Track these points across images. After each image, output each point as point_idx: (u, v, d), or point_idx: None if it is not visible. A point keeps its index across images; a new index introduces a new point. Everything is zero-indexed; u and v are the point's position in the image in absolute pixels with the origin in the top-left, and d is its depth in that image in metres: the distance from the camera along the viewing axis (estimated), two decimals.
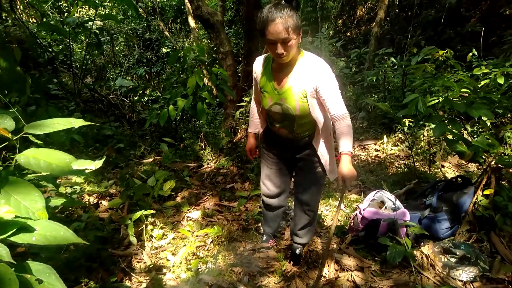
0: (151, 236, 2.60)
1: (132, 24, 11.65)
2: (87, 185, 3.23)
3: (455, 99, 2.69)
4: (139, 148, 4.57)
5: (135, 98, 7.62)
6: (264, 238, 2.63)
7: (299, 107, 1.84)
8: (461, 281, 2.22)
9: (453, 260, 2.33)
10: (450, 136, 2.72)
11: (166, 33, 12.28)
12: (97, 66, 7.92)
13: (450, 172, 3.67)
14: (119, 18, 10.17)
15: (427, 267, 2.32)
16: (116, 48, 10.69)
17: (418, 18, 10.99)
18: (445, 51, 3.29)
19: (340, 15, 14.31)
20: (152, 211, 2.60)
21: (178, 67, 4.85)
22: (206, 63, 4.94)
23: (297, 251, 2.46)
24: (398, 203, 2.54)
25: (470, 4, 10.37)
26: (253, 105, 2.26)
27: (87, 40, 5.72)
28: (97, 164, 1.27)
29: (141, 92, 6.77)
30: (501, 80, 3.45)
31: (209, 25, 6.10)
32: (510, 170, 2.59)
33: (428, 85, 2.94)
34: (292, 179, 2.36)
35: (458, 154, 2.60)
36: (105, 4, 9.78)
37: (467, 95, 2.91)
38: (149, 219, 2.71)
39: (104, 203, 3.09)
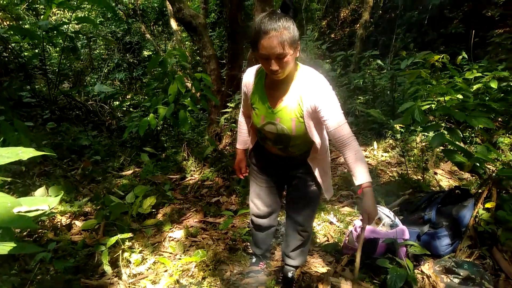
0: (129, 262, 2.36)
1: (112, 27, 11.32)
2: (59, 204, 2.97)
3: (452, 107, 2.54)
4: (118, 159, 4.31)
5: (115, 104, 7.33)
6: (254, 260, 2.42)
7: (295, 127, 1.64)
8: None
9: (456, 280, 2.17)
10: (449, 147, 2.58)
11: (148, 36, 11.98)
12: (74, 71, 7.59)
13: (444, 180, 3.54)
14: (98, 21, 9.83)
15: None
16: (95, 51, 10.35)
17: (402, 20, 10.99)
18: (441, 56, 3.16)
19: (324, 17, 14.25)
20: (130, 235, 2.36)
21: (158, 73, 4.61)
22: (189, 68, 4.71)
23: (289, 274, 2.26)
24: (396, 219, 2.37)
25: (453, 5, 10.41)
26: (241, 119, 2.05)
27: (63, 44, 5.42)
28: (53, 202, 1.05)
29: (121, 97, 6.49)
30: (494, 85, 3.35)
31: (191, 28, 5.89)
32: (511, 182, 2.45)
33: (425, 92, 2.80)
34: (284, 198, 2.17)
35: (457, 165, 2.45)
36: (84, 6, 9.42)
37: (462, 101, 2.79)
38: (127, 242, 2.47)
39: (78, 224, 2.83)
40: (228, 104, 4.76)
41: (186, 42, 13.94)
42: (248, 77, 1.77)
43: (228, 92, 5.52)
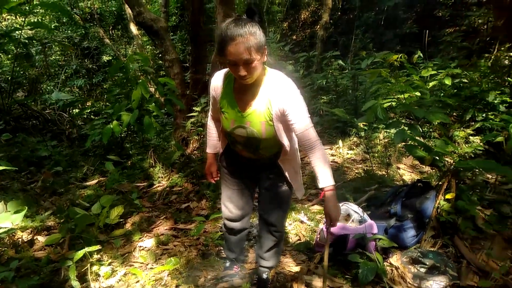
0: (98, 275, 2.28)
1: (68, 31, 10.88)
2: None
3: (411, 104, 2.66)
4: (81, 169, 4.16)
5: (75, 112, 7.05)
6: (227, 265, 2.41)
7: (265, 131, 1.66)
8: None
9: (423, 270, 2.27)
10: (410, 142, 2.69)
11: (107, 40, 11.63)
12: (29, 79, 7.23)
13: (406, 174, 3.69)
14: (52, 26, 9.42)
15: (398, 280, 2.23)
16: (51, 58, 9.91)
17: (360, 21, 11.35)
18: (399, 56, 3.30)
19: (285, 19, 14.46)
20: (98, 247, 2.28)
21: (120, 79, 4.50)
22: (152, 73, 4.62)
23: (264, 276, 2.27)
24: (364, 215, 2.44)
25: (407, 6, 10.87)
26: (210, 123, 2.04)
27: (15, 51, 5.16)
28: (16, 219, 1.00)
29: (81, 105, 6.25)
30: (448, 81, 3.53)
31: (153, 31, 5.78)
32: (469, 173, 2.60)
33: (385, 90, 2.91)
34: (256, 199, 2.17)
35: (418, 159, 2.57)
36: (37, 11, 9.00)
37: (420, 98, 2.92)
38: (95, 255, 2.38)
39: (41, 239, 2.70)
40: (194, 108, 4.71)
41: (147, 46, 13.67)
42: (216, 81, 1.75)
43: (193, 96, 5.46)
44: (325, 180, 1.65)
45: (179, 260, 2.38)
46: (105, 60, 11.23)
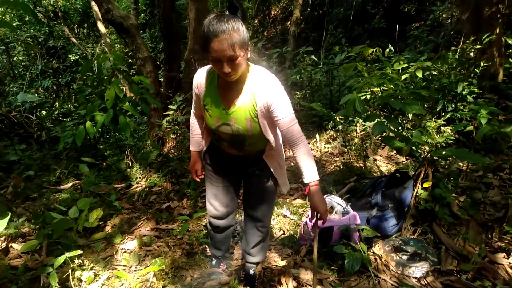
0: (80, 281, 2.21)
1: (31, 30, 10.42)
2: None
3: (388, 96, 2.72)
4: (54, 173, 4.00)
5: (43, 114, 6.79)
6: (214, 262, 2.39)
7: (250, 127, 1.66)
8: (415, 278, 2.23)
9: (405, 257, 2.34)
10: (389, 133, 2.75)
11: (73, 39, 11.24)
12: None
13: (383, 165, 3.78)
14: (14, 24, 8.99)
15: (382, 268, 2.29)
16: (14, 58, 9.46)
17: (330, 16, 11.50)
18: (374, 50, 3.37)
19: (256, 15, 14.45)
20: (79, 252, 2.21)
21: (91, 78, 4.35)
22: (124, 72, 4.51)
23: (251, 272, 2.27)
24: (347, 207, 2.49)
25: (374, 2, 11.12)
26: (193, 121, 2.01)
27: None
28: (2, 224, 0.96)
29: (49, 106, 6.01)
30: (420, 74, 3.64)
31: (123, 29, 5.63)
32: (443, 162, 2.69)
33: (362, 84, 2.97)
34: (241, 195, 2.17)
35: (396, 150, 2.64)
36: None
37: (393, 90, 2.99)
38: (76, 260, 2.30)
39: (16, 247, 2.58)
40: (169, 106, 4.63)
41: (116, 45, 13.31)
42: (200, 78, 1.72)
43: (167, 94, 5.37)
44: (310, 175, 1.69)
45: (164, 261, 2.34)
46: (72, 60, 10.85)
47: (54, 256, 2.33)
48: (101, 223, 2.90)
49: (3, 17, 9.29)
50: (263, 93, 1.58)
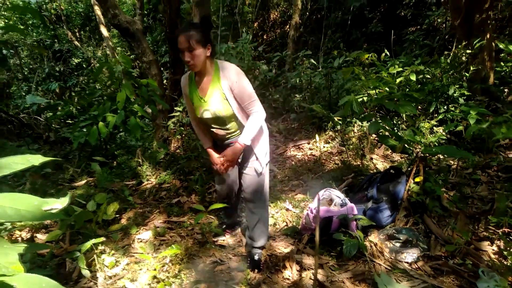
0: (103, 265, 2.42)
1: (34, 34, 10.62)
2: None
3: (383, 98, 2.95)
4: (67, 171, 4.21)
5: (50, 115, 6.98)
6: (223, 227, 2.88)
7: (223, 108, 2.06)
8: (407, 262, 2.45)
9: (398, 244, 2.56)
10: (384, 132, 2.98)
11: (76, 42, 11.46)
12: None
13: (379, 163, 4.01)
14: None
15: (377, 254, 2.51)
16: (17, 61, 9.65)
17: (328, 21, 11.74)
18: (370, 55, 3.61)
19: (255, 19, 14.70)
20: (102, 239, 2.42)
21: (101, 81, 4.57)
22: (135, 75, 4.73)
23: (256, 257, 2.49)
24: (345, 199, 2.71)
25: (371, 6, 11.37)
26: (193, 124, 2.40)
27: None
28: (64, 201, 1.18)
29: (59, 108, 6.22)
30: (413, 77, 3.87)
31: (129, 34, 5.86)
32: (434, 158, 2.92)
33: (358, 86, 3.19)
34: None
35: (390, 147, 2.86)
36: (3, 13, 8.78)
37: (389, 93, 3.22)
38: (99, 247, 2.52)
39: (40, 237, 2.80)
40: (175, 108, 4.85)
41: (118, 48, 13.53)
42: (183, 81, 2.20)
43: (172, 96, 5.59)
44: (243, 137, 2.10)
45: (180, 249, 2.55)
46: (75, 63, 11.05)
47: (77, 244, 2.54)
48: (117, 216, 3.11)
49: (7, 21, 9.48)
50: (226, 77, 2.02)
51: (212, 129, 2.22)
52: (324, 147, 4.65)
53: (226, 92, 2.02)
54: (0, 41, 5.48)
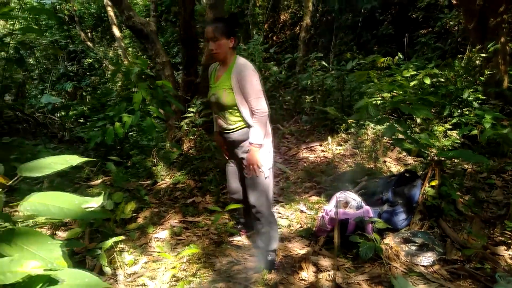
0: (122, 263, 2.47)
1: (47, 34, 10.77)
2: (36, 217, 2.96)
3: (398, 102, 2.96)
4: (83, 170, 4.28)
5: (62, 114, 7.08)
6: (239, 226, 2.92)
7: (225, 97, 2.22)
8: (423, 266, 2.46)
9: (414, 248, 2.58)
10: (397, 135, 2.99)
11: (89, 43, 11.60)
12: (15, 82, 7.20)
13: (392, 166, 4.02)
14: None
15: (393, 257, 2.53)
16: (31, 61, 9.79)
17: (338, 23, 11.74)
18: (386, 59, 3.62)
19: (266, 20, 14.74)
20: (122, 237, 2.47)
21: (115, 82, 4.64)
22: (150, 76, 4.79)
23: (269, 258, 2.51)
24: (361, 202, 2.73)
25: (383, 8, 11.34)
26: None
27: (7, 55, 5.20)
28: (98, 200, 1.22)
29: (73, 108, 6.33)
30: (427, 81, 3.87)
31: (143, 35, 5.93)
32: (448, 162, 2.93)
33: (374, 89, 3.21)
34: None
35: (406, 151, 2.88)
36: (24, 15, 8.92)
37: (403, 96, 3.23)
38: (118, 245, 2.57)
39: (61, 234, 2.86)
40: (189, 109, 4.90)
41: (129, 49, 13.66)
42: (210, 68, 2.48)
43: (186, 98, 5.65)
44: (252, 138, 2.22)
45: (198, 248, 2.59)
46: (86, 63, 11.17)
47: (96, 242, 2.60)
48: (133, 215, 3.16)
49: (23, 23, 9.62)
50: (237, 70, 2.19)
51: (215, 115, 2.43)
52: (336, 149, 4.66)
53: (234, 83, 2.18)
54: (18, 42, 5.59)
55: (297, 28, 13.78)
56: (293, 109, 6.74)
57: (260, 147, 2.24)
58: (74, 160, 1.21)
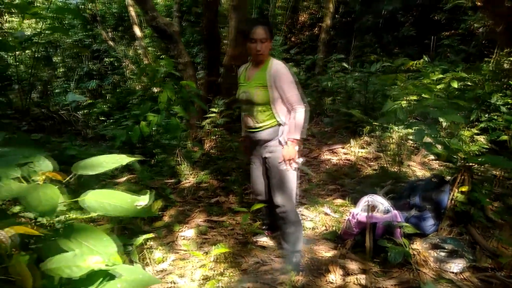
0: (151, 260, 2.51)
1: (70, 33, 11.00)
2: (69, 212, 3.03)
3: (427, 106, 2.93)
4: None
5: (85, 111, 7.22)
6: (263, 227, 2.93)
7: (259, 94, 2.28)
8: (453, 272, 2.43)
9: (443, 254, 2.54)
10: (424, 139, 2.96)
11: (111, 42, 11.80)
12: (41, 80, 7.39)
13: (417, 170, 3.97)
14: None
15: (421, 263, 2.50)
16: (57, 59, 10.03)
17: (358, 24, 11.64)
18: (415, 62, 3.59)
19: (285, 21, 14.73)
20: (152, 235, 2.51)
21: (140, 81, 4.70)
22: (176, 76, 4.86)
23: (294, 259, 2.52)
24: (389, 206, 2.71)
25: (404, 10, 11.18)
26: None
27: (34, 54, 5.36)
28: (145, 199, 1.25)
29: (99, 106, 6.46)
30: (455, 84, 3.81)
31: (166, 36, 6.01)
32: (480, 168, 2.88)
33: (403, 92, 3.18)
34: None
35: (435, 155, 2.84)
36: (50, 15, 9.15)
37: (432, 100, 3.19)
38: (147, 243, 2.62)
39: None
40: (211, 109, 4.94)
41: (149, 48, 13.84)
42: (241, 68, 2.54)
43: (207, 98, 5.70)
44: (292, 133, 2.29)
45: (226, 248, 2.61)
46: (107, 62, 11.36)
47: (124, 239, 2.64)
48: (159, 213, 3.21)
49: (49, 22, 9.86)
50: (273, 68, 2.27)
51: (243, 113, 2.48)
52: (359, 152, 4.63)
53: (270, 82, 2.25)
54: (46, 41, 5.74)
55: (316, 29, 13.73)
56: (313, 110, 6.72)
57: (298, 142, 2.32)
58: (123, 159, 1.25)
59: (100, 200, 1.06)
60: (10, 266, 0.84)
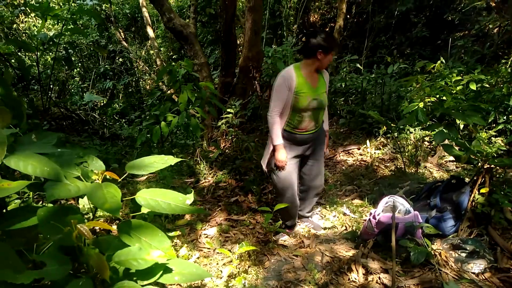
0: (178, 258, 2.59)
1: (87, 34, 11.18)
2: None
3: (448, 108, 2.96)
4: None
5: (101, 111, 7.35)
6: (283, 227, 3.06)
7: (325, 99, 2.61)
8: (474, 273, 2.46)
9: (463, 254, 2.57)
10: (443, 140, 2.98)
11: (124, 43, 11.95)
12: (59, 81, 7.54)
13: (434, 171, 3.99)
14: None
15: (442, 263, 2.54)
16: (76, 60, 10.20)
17: (370, 24, 11.61)
18: (434, 65, 3.61)
19: (296, 21, 14.74)
20: (178, 233, 2.59)
21: (156, 81, 4.77)
22: (196, 78, 4.94)
23: (314, 218, 3.25)
24: (409, 207, 2.74)
25: (417, 10, 11.13)
26: (277, 119, 2.57)
27: (54, 55, 5.47)
28: (190, 197, 1.32)
29: (117, 106, 6.58)
30: (473, 86, 3.83)
31: (183, 37, 6.10)
32: (500, 170, 2.90)
33: (422, 95, 3.21)
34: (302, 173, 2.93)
35: (455, 157, 2.87)
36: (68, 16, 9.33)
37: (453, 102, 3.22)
38: (173, 240, 2.70)
39: (115, 227, 3.01)
40: (228, 110, 5.01)
41: (161, 49, 13.97)
42: (291, 75, 2.48)
43: (223, 99, 5.77)
44: (326, 126, 2.89)
45: (250, 246, 2.68)
46: (118, 63, 11.49)
47: None
48: None
49: (68, 23, 10.03)
50: (327, 76, 2.67)
51: (306, 119, 2.57)
52: (375, 153, 4.66)
53: (327, 87, 2.64)
54: (66, 42, 5.86)
55: (327, 29, 13.72)
56: (327, 111, 6.75)
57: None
58: (171, 160, 1.32)
59: (155, 198, 1.13)
60: (88, 257, 0.92)
